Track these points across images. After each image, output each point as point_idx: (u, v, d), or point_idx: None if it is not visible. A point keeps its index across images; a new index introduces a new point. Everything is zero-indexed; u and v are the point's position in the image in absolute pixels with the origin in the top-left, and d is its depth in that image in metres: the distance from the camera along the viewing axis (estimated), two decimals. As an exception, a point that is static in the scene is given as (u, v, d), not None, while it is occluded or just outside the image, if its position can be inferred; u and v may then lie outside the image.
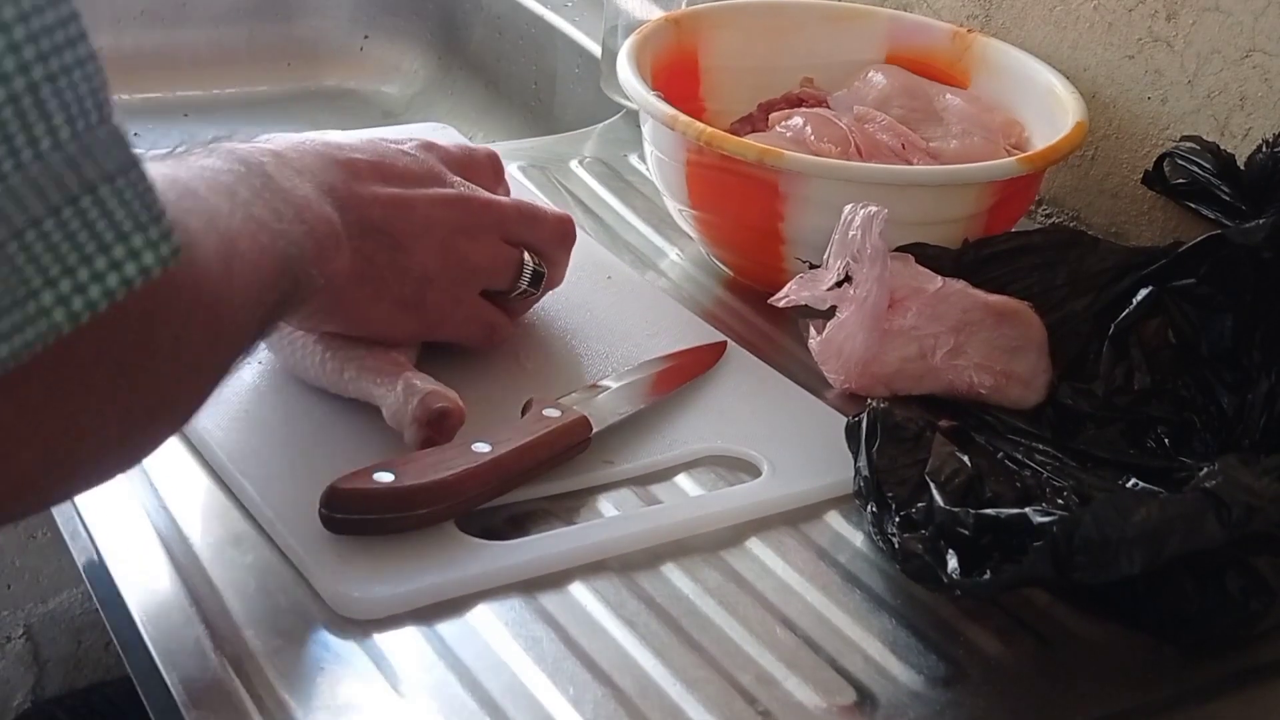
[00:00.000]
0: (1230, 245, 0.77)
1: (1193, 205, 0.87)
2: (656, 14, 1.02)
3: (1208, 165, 0.86)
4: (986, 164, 0.86)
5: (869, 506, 0.66)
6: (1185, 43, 0.90)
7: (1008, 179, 0.83)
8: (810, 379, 0.78)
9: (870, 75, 0.97)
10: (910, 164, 0.88)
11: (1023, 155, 0.85)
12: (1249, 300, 0.76)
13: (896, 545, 0.63)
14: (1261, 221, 0.76)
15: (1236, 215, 0.83)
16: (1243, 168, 0.84)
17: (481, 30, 1.42)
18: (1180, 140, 0.89)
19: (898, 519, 0.63)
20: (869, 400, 0.70)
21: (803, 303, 0.77)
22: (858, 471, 0.67)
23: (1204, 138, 0.88)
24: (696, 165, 0.86)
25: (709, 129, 0.84)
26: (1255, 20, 0.86)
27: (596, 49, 1.16)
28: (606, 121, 1.10)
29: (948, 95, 0.95)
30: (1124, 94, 0.94)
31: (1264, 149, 0.83)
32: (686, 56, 0.98)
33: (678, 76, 0.97)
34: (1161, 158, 0.89)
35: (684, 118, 0.85)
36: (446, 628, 0.59)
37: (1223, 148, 0.86)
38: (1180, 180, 0.88)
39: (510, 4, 1.36)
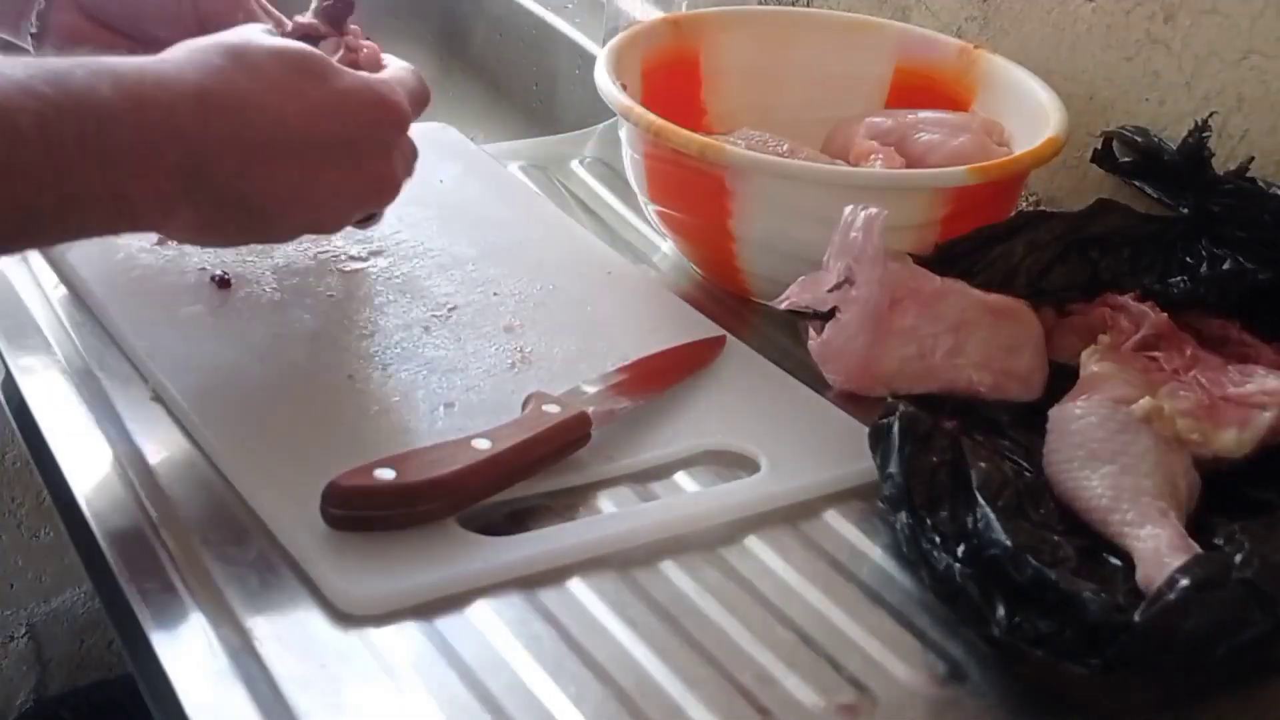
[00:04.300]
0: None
1: (1137, 184, 0.87)
2: (657, 15, 1.02)
3: (1143, 148, 0.88)
4: (933, 171, 0.85)
5: (901, 516, 0.65)
6: (1183, 44, 0.90)
7: (957, 187, 0.81)
8: (808, 375, 0.79)
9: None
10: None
11: (973, 165, 0.82)
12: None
13: (939, 569, 0.62)
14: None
15: (1173, 195, 0.84)
16: (1175, 147, 0.85)
17: (482, 31, 1.42)
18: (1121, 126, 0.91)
19: (938, 537, 0.63)
20: (889, 399, 0.70)
21: (804, 305, 0.77)
22: (888, 478, 0.66)
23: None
24: (653, 159, 0.86)
25: (658, 120, 0.83)
26: (1253, 22, 0.86)
27: (596, 49, 1.16)
28: (606, 121, 1.10)
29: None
30: (1122, 95, 0.94)
31: (1192, 134, 0.84)
32: (687, 58, 0.98)
33: (677, 77, 0.97)
34: (1109, 137, 0.90)
35: (638, 109, 0.84)
36: (447, 624, 0.60)
37: (1219, 149, 0.86)
38: (1126, 159, 0.89)
39: (510, 5, 1.37)
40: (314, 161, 0.67)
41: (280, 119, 0.65)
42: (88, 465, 0.67)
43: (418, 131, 1.06)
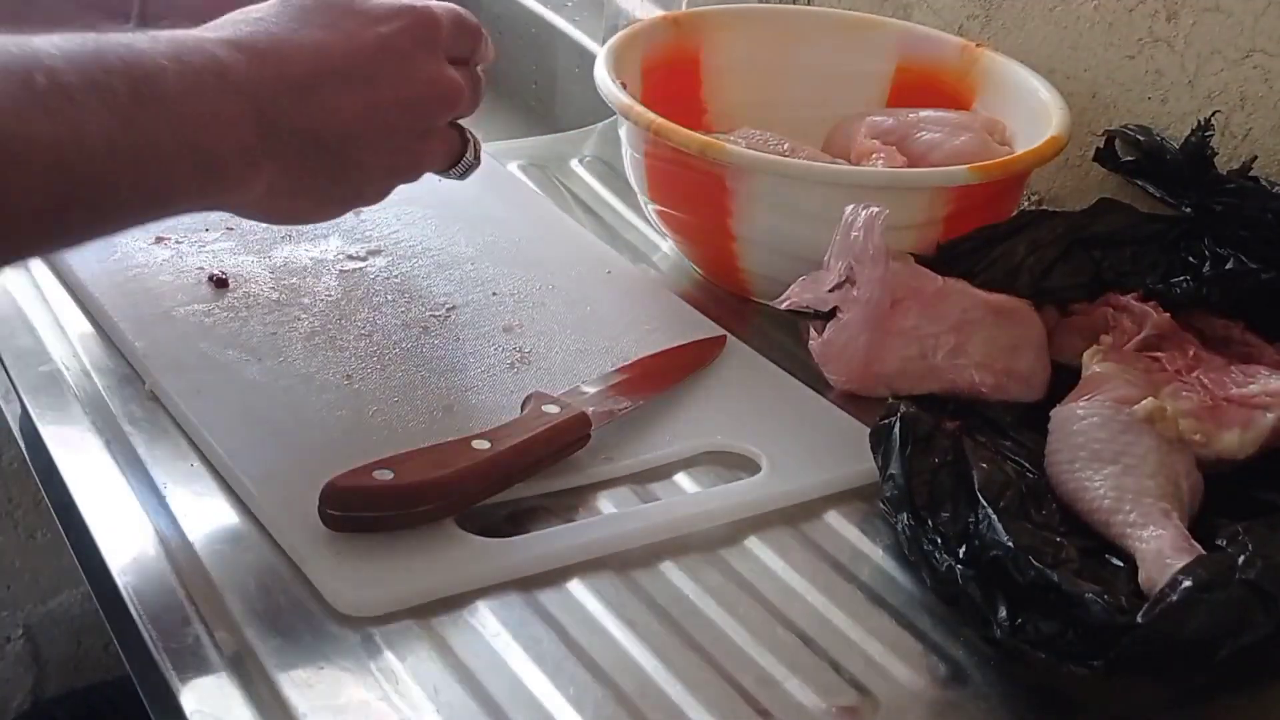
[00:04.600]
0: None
1: (1140, 183, 0.87)
2: (657, 13, 1.02)
3: (1145, 147, 0.87)
4: (934, 170, 0.85)
5: (902, 518, 0.65)
6: (1186, 43, 0.90)
7: (959, 186, 0.81)
8: (808, 374, 0.78)
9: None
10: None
11: (974, 164, 0.82)
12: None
13: (940, 570, 0.62)
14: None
15: (1176, 194, 0.84)
16: (1177, 146, 0.85)
17: (481, 30, 1.42)
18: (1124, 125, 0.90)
19: (939, 538, 0.63)
20: (890, 400, 0.70)
21: (805, 305, 0.77)
22: (890, 479, 0.66)
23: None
24: (653, 158, 0.85)
25: (658, 119, 0.83)
26: (1256, 20, 0.86)
27: (596, 49, 1.16)
28: (606, 120, 1.10)
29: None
30: (1124, 94, 0.94)
31: (1194, 133, 0.83)
32: (687, 56, 0.98)
33: (677, 75, 0.97)
34: (1111, 136, 0.89)
35: (638, 108, 0.84)
36: (446, 626, 0.59)
37: (1222, 148, 0.86)
38: (1128, 158, 0.88)
39: (510, 4, 1.36)
40: (369, 80, 0.66)
41: (319, 48, 0.64)
42: (84, 466, 0.66)
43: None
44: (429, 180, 0.95)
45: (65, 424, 0.69)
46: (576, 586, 0.63)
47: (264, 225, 0.86)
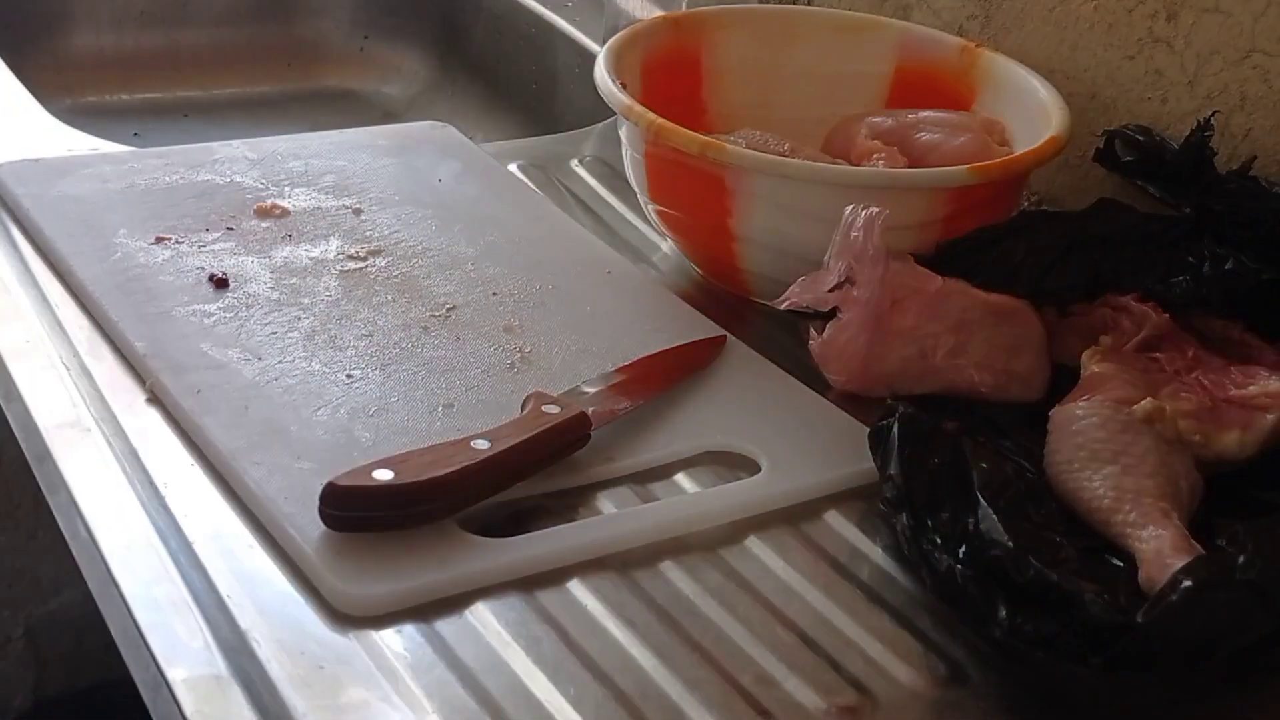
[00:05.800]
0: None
1: (1140, 183, 0.87)
2: (657, 13, 1.02)
3: (1145, 147, 0.88)
4: (934, 170, 0.85)
5: (901, 518, 0.65)
6: (1185, 43, 0.90)
7: (958, 187, 0.81)
8: (808, 374, 0.78)
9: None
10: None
11: (974, 165, 0.82)
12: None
13: (940, 570, 0.62)
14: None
15: (1176, 194, 0.84)
16: (1177, 146, 0.85)
17: (481, 30, 1.42)
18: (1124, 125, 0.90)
19: (938, 538, 0.63)
20: (889, 400, 0.70)
21: (805, 305, 0.77)
22: (889, 480, 0.66)
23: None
24: (654, 158, 0.86)
25: (659, 120, 0.83)
26: (1255, 21, 0.86)
27: (596, 49, 1.16)
28: (606, 121, 1.10)
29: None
30: (1124, 94, 0.94)
31: (1194, 133, 0.83)
32: (688, 57, 0.98)
33: (677, 76, 0.97)
34: (1111, 136, 0.89)
35: (638, 108, 0.84)
36: (446, 626, 0.59)
37: (1222, 148, 0.86)
38: (1128, 158, 0.88)
39: (510, 4, 1.37)
40: None
41: None
42: (85, 466, 0.66)
43: (415, 130, 1.07)
44: (429, 181, 0.96)
45: (66, 424, 0.69)
46: (577, 586, 0.63)
47: (264, 225, 0.87)
